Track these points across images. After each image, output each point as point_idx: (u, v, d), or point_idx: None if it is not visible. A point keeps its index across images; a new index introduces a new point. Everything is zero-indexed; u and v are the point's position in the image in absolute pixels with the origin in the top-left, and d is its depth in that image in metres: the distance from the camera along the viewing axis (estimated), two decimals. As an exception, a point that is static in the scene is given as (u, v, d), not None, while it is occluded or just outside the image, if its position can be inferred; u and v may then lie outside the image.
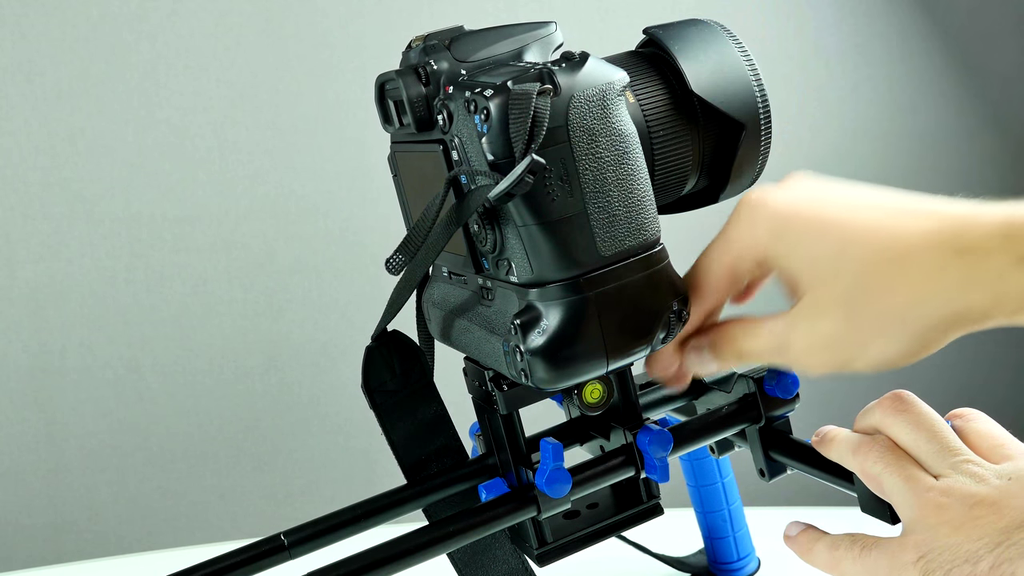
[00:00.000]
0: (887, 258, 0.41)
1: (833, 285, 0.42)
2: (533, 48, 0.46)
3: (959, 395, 1.89)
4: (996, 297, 0.40)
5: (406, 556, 0.47)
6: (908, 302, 0.41)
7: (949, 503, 0.43)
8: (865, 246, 0.42)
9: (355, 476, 1.55)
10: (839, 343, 0.43)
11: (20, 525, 1.41)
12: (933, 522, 0.43)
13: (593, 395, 0.49)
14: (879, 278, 0.41)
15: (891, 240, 0.41)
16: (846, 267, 0.42)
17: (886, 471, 0.46)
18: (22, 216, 1.36)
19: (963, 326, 0.41)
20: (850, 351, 0.43)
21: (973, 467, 0.44)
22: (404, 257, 0.46)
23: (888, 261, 0.41)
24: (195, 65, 1.39)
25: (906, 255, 0.41)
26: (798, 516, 0.53)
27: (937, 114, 1.88)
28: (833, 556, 0.47)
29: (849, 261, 0.42)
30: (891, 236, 0.41)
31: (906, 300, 0.41)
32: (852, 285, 0.42)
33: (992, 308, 0.40)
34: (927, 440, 0.46)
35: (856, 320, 0.42)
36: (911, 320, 0.41)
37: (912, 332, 0.41)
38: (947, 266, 0.40)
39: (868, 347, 0.42)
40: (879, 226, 0.42)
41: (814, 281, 0.43)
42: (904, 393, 0.48)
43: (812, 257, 0.43)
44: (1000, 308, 0.40)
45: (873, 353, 0.42)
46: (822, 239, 0.43)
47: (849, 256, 0.42)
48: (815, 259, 0.43)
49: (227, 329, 1.46)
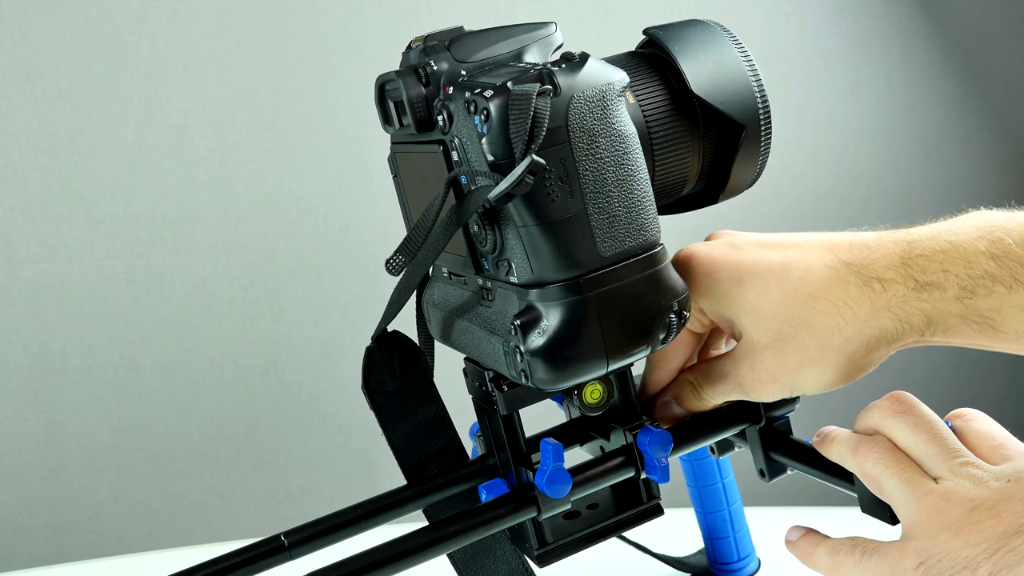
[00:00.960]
0: (801, 296, 0.46)
1: (762, 325, 0.47)
2: (533, 49, 0.46)
3: (959, 395, 1.89)
4: (903, 320, 0.45)
5: (406, 556, 0.47)
6: (825, 333, 0.45)
7: (949, 507, 0.43)
8: (782, 286, 0.46)
9: (355, 476, 1.55)
10: (778, 374, 0.47)
11: (20, 525, 1.41)
12: (933, 527, 0.43)
13: (593, 395, 0.49)
14: (797, 314, 0.46)
15: (802, 278, 0.46)
16: (769, 308, 0.46)
17: (886, 473, 0.46)
18: (22, 216, 1.35)
19: (882, 347, 0.46)
20: (790, 380, 0.47)
21: (972, 469, 0.44)
22: (404, 258, 0.46)
23: (802, 297, 0.46)
24: (195, 65, 1.39)
25: (817, 291, 0.46)
26: (798, 516, 0.53)
27: (937, 114, 1.88)
28: (834, 560, 0.47)
29: (771, 302, 0.46)
30: (803, 272, 0.46)
31: (823, 331, 0.45)
32: (776, 323, 0.46)
33: (902, 330, 0.45)
34: (926, 442, 0.46)
35: (786, 354, 0.46)
36: (833, 348, 0.46)
37: (837, 358, 0.46)
38: (854, 297, 0.45)
39: (804, 375, 0.47)
40: (792, 266, 0.46)
41: (747, 324, 0.47)
42: (903, 394, 0.48)
43: (740, 304, 0.47)
44: (909, 330, 0.45)
45: (810, 379, 0.47)
46: (744, 285, 0.47)
47: (770, 298, 0.46)
48: (743, 305, 0.47)
49: (227, 329, 1.46)
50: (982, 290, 0.44)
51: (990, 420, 0.48)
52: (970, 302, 0.44)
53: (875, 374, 0.47)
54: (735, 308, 0.48)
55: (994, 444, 0.46)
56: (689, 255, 0.49)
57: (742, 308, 0.47)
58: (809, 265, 0.46)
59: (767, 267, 0.47)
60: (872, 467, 0.47)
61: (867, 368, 0.47)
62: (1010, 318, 0.44)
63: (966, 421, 0.48)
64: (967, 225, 0.45)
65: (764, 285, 0.47)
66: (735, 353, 0.49)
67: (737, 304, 0.47)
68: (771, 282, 0.46)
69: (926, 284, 0.44)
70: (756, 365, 0.48)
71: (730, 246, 0.49)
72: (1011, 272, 0.43)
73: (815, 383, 0.47)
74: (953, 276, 0.44)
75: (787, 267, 0.46)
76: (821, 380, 0.47)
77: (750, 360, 0.48)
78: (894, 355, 0.47)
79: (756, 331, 0.47)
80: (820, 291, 0.46)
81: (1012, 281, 0.43)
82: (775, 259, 0.47)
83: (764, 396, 0.49)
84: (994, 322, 0.44)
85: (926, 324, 0.45)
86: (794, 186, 1.75)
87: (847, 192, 1.80)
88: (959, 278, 0.44)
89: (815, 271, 0.46)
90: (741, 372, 0.48)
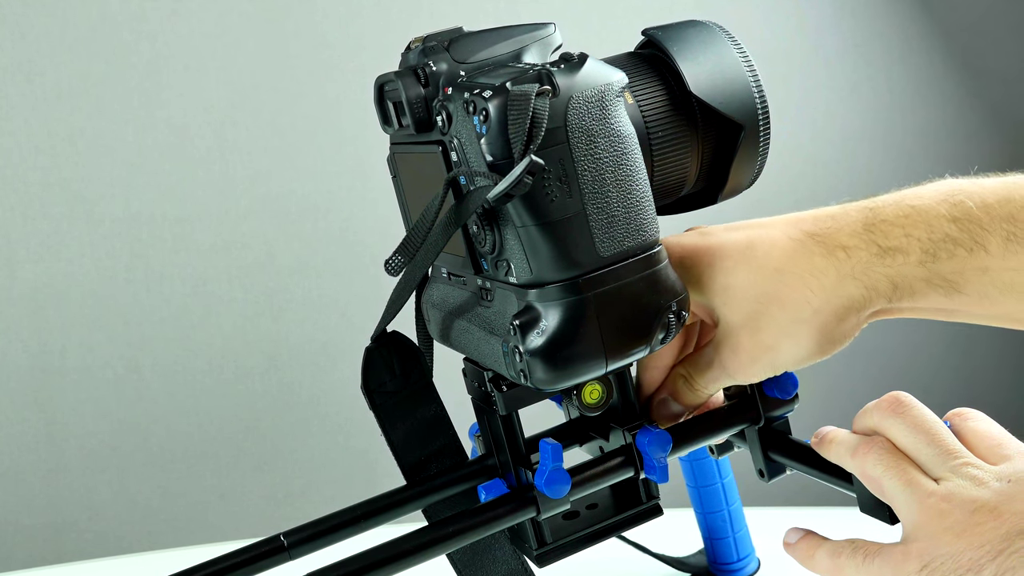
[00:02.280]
0: (768, 271, 0.46)
1: (735, 305, 0.47)
2: (532, 49, 0.46)
3: (959, 395, 1.89)
4: (868, 287, 0.45)
5: (406, 556, 0.47)
6: (795, 305, 0.46)
7: (950, 509, 0.43)
8: (749, 263, 0.47)
9: (355, 476, 1.55)
10: (756, 352, 0.47)
11: (20, 525, 1.41)
12: (935, 529, 0.43)
13: (592, 396, 0.49)
14: (766, 290, 0.46)
15: (768, 253, 0.46)
16: (739, 286, 0.47)
17: (886, 474, 0.46)
18: (22, 216, 1.36)
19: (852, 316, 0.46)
20: (769, 357, 0.47)
21: (973, 470, 0.44)
22: (403, 258, 0.46)
23: (769, 272, 0.46)
24: (195, 65, 1.39)
25: (783, 265, 0.46)
26: (797, 517, 0.53)
27: (937, 114, 1.88)
28: (835, 563, 0.47)
29: (740, 281, 0.47)
30: (768, 247, 0.46)
31: (794, 302, 0.46)
32: (747, 302, 0.47)
33: (868, 297, 0.45)
34: (926, 443, 0.46)
35: (760, 331, 0.47)
36: (804, 320, 0.46)
37: (809, 330, 0.46)
38: (820, 267, 0.45)
39: (780, 350, 0.47)
40: (757, 243, 0.47)
41: (720, 306, 0.48)
42: (902, 395, 0.48)
43: (712, 287, 0.48)
44: (876, 296, 0.45)
45: (787, 354, 0.47)
46: (714, 268, 0.48)
47: (739, 277, 0.47)
48: (715, 288, 0.48)
49: (227, 329, 1.46)
50: (944, 253, 0.44)
51: (989, 419, 0.48)
52: (932, 265, 0.44)
53: (875, 374, 0.47)
54: (708, 292, 0.48)
55: (993, 444, 0.46)
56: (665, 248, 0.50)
57: (714, 291, 0.48)
58: (774, 240, 0.47)
59: (733, 247, 0.47)
60: (872, 468, 0.47)
61: (842, 340, 0.47)
62: (972, 280, 0.44)
63: (964, 420, 0.48)
64: (930, 190, 0.46)
65: (732, 265, 0.47)
66: (716, 338, 0.49)
67: (709, 288, 0.48)
68: (739, 262, 0.47)
69: (889, 249, 0.45)
70: (735, 347, 0.48)
71: (698, 234, 0.50)
72: (971, 235, 0.44)
73: (792, 357, 0.47)
74: (915, 240, 0.44)
75: (752, 245, 0.47)
76: (798, 354, 0.47)
77: (729, 342, 0.48)
78: (895, 355, 0.47)
79: (730, 312, 0.48)
80: (786, 264, 0.46)
81: (972, 244, 0.44)
82: (740, 238, 0.48)
83: (749, 376, 0.49)
84: (957, 285, 0.45)
85: (892, 290, 0.45)
86: (794, 186, 1.75)
87: (847, 192, 1.80)
88: (921, 242, 0.44)
89: (780, 245, 0.46)
90: (724, 356, 0.49)
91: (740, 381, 0.50)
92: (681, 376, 0.52)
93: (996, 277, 0.44)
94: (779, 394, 0.54)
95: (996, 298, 0.45)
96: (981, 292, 0.45)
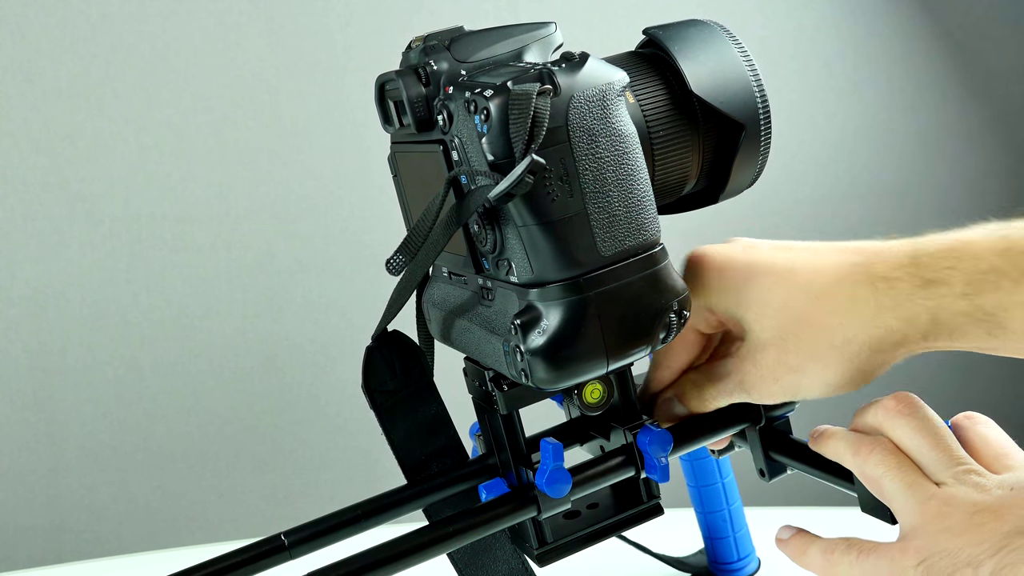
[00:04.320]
0: (809, 293, 0.46)
1: (767, 322, 0.47)
2: (533, 48, 0.46)
3: (960, 397, 1.89)
4: (907, 320, 0.44)
5: (406, 556, 0.47)
6: (830, 330, 0.45)
7: (951, 511, 0.43)
8: (789, 284, 0.46)
9: (355, 476, 1.55)
10: (779, 372, 0.47)
11: (20, 525, 1.41)
12: (934, 528, 0.43)
13: (593, 395, 0.49)
14: (802, 313, 0.46)
15: (811, 276, 0.46)
16: (775, 304, 0.47)
17: (887, 475, 0.46)
18: (22, 216, 1.36)
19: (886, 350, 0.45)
20: (792, 380, 0.47)
21: (976, 477, 0.44)
22: (404, 257, 0.46)
23: (810, 296, 0.46)
24: (195, 65, 1.39)
25: (824, 288, 0.46)
26: (798, 516, 0.53)
27: (937, 114, 1.88)
28: (828, 560, 0.47)
29: (777, 299, 0.47)
30: (811, 273, 0.46)
31: (828, 328, 0.45)
32: (780, 320, 0.46)
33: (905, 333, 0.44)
34: (930, 447, 0.46)
35: (788, 351, 0.46)
36: (834, 347, 0.45)
37: (839, 358, 0.46)
38: (860, 295, 0.45)
39: (805, 374, 0.46)
40: (801, 266, 0.47)
41: (752, 321, 0.48)
42: (908, 395, 0.48)
43: (747, 300, 0.48)
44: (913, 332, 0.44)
45: (811, 380, 0.47)
46: (752, 282, 0.47)
47: (776, 295, 0.47)
48: (750, 301, 0.48)
49: (227, 329, 1.46)
50: (989, 285, 0.42)
51: (998, 428, 0.48)
52: (975, 299, 0.43)
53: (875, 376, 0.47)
54: (742, 305, 0.48)
55: (999, 452, 0.46)
56: (703, 253, 0.50)
57: (748, 305, 0.48)
58: (818, 267, 0.46)
59: (777, 267, 0.47)
60: (873, 469, 0.46)
61: (870, 374, 0.46)
62: (1016, 316, 0.42)
63: (974, 424, 0.48)
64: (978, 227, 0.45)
65: (772, 283, 0.47)
66: (740, 351, 0.49)
67: (744, 301, 0.48)
68: (779, 281, 0.47)
69: (931, 281, 0.44)
70: (759, 362, 0.48)
71: (744, 247, 0.49)
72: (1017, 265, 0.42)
73: (816, 384, 0.47)
74: (959, 273, 0.43)
75: (795, 267, 0.47)
76: (822, 381, 0.47)
77: (753, 357, 0.48)
78: (896, 356, 0.46)
79: (760, 328, 0.47)
80: (826, 291, 0.46)
81: (1019, 275, 0.42)
82: (785, 259, 0.47)
83: (766, 396, 0.49)
84: (1000, 320, 0.43)
85: (931, 325, 0.44)
86: (794, 186, 1.75)
87: (847, 192, 1.80)
88: (965, 273, 0.43)
89: (823, 272, 0.46)
90: (744, 369, 0.48)
91: (754, 399, 0.49)
92: (692, 382, 0.52)
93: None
94: (780, 394, 0.54)
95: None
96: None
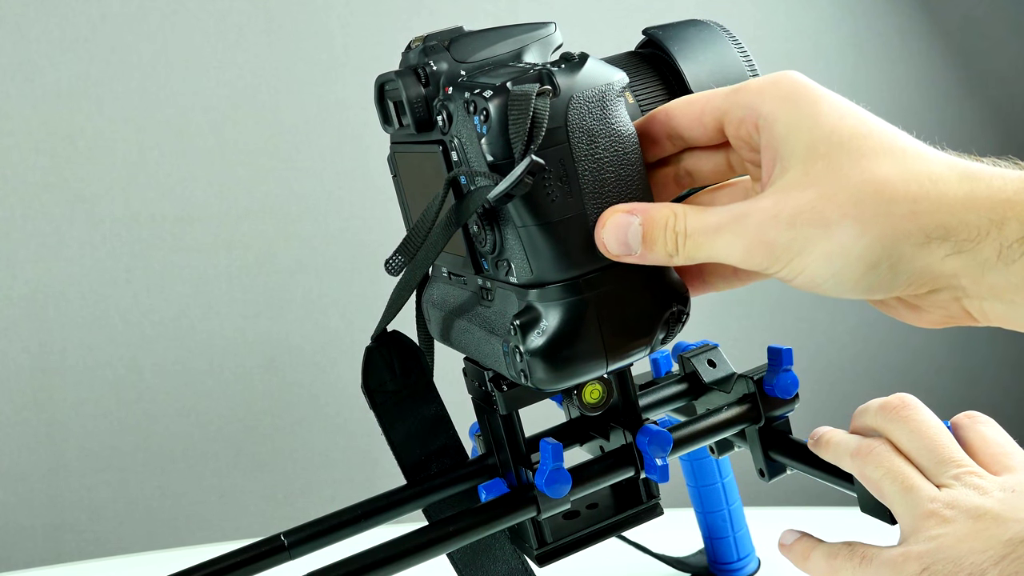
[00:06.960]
0: (884, 147, 0.37)
1: (817, 157, 0.37)
2: (533, 49, 0.46)
3: (959, 396, 1.89)
4: (988, 225, 0.35)
5: (406, 556, 0.47)
6: (893, 183, 0.36)
7: (953, 516, 0.43)
8: (864, 132, 0.38)
9: (355, 476, 1.55)
10: (800, 219, 0.37)
11: (20, 525, 1.41)
12: (936, 533, 0.43)
13: (593, 395, 0.49)
14: (873, 159, 0.37)
15: (893, 141, 0.38)
16: (837, 140, 0.37)
17: (887, 477, 0.46)
18: (22, 216, 1.36)
19: (931, 245, 0.35)
20: (812, 234, 0.37)
21: (975, 479, 0.44)
22: (404, 258, 0.46)
23: (885, 150, 0.37)
24: (195, 65, 1.39)
25: (907, 150, 0.37)
26: (798, 516, 0.53)
27: (937, 114, 1.88)
28: (831, 565, 0.47)
29: (843, 136, 0.38)
30: (894, 137, 0.38)
31: (892, 181, 0.36)
32: (839, 157, 0.37)
33: (973, 251, 0.35)
34: (929, 449, 0.46)
35: (831, 194, 0.36)
36: (885, 209, 0.36)
37: (882, 228, 0.36)
38: (948, 176, 0.36)
39: (833, 229, 0.36)
40: (882, 127, 0.39)
41: (797, 150, 0.38)
42: (907, 397, 0.48)
43: (803, 126, 0.38)
44: (977, 258, 0.35)
45: (834, 244, 0.36)
46: (820, 111, 0.38)
47: (845, 131, 0.38)
48: (805, 128, 0.38)
49: (227, 329, 1.46)
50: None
51: (999, 427, 0.48)
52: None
53: (875, 374, 0.47)
54: (794, 130, 0.38)
55: (999, 452, 0.46)
56: (788, 73, 0.41)
57: (802, 132, 0.38)
58: (906, 139, 0.38)
59: (853, 114, 0.39)
60: (873, 471, 0.46)
61: (898, 274, 0.36)
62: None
63: (975, 423, 0.48)
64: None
65: (847, 124, 0.38)
66: (764, 182, 0.40)
67: (800, 127, 0.38)
68: (855, 126, 0.38)
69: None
70: (785, 200, 0.37)
71: (826, 90, 0.40)
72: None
73: (837, 247, 0.36)
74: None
75: (877, 127, 0.38)
76: (842, 252, 0.36)
77: (783, 192, 0.37)
78: (895, 355, 0.46)
79: (808, 162, 0.37)
80: (910, 152, 0.37)
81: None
82: (863, 114, 0.39)
83: (758, 248, 0.38)
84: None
85: (1001, 254, 0.35)
86: (794, 186, 1.75)
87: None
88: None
89: (912, 144, 0.38)
90: (760, 206, 0.38)
91: (738, 251, 0.39)
92: (673, 215, 0.40)
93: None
94: (780, 393, 0.54)
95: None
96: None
